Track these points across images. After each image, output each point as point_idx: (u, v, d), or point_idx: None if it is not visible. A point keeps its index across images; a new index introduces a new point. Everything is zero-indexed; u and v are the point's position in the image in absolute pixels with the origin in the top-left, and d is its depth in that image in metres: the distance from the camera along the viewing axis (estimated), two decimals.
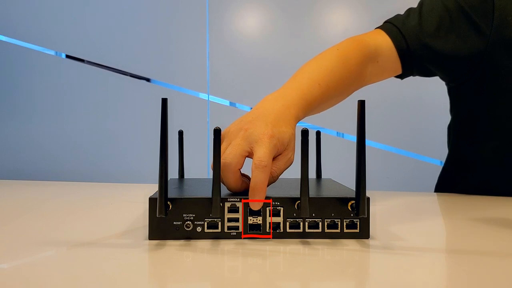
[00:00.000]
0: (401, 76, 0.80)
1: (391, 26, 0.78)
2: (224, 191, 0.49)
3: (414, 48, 0.76)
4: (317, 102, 0.63)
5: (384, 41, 0.76)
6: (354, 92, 0.76)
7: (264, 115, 0.53)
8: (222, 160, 0.47)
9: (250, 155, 0.49)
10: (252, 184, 0.45)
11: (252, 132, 0.49)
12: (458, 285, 0.36)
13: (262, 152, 0.47)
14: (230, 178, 0.48)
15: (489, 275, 0.37)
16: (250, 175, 0.49)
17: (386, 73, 0.78)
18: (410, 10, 0.81)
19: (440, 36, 0.76)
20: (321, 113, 0.74)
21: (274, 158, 0.50)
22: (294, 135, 0.53)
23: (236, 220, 0.46)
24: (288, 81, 0.64)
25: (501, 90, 0.78)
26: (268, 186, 0.49)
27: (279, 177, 0.51)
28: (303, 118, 0.61)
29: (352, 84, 0.72)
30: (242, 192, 0.49)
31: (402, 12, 0.82)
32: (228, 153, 0.48)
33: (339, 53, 0.71)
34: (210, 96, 1.73)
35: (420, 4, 0.81)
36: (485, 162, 0.83)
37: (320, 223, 0.46)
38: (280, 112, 0.54)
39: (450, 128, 0.92)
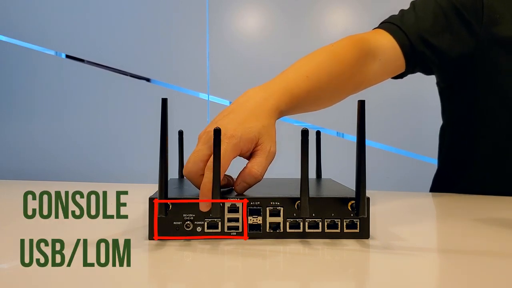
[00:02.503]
0: (402, 75, 0.80)
1: (390, 25, 0.78)
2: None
3: (417, 44, 0.76)
4: (304, 95, 0.61)
5: (385, 39, 0.76)
6: None
7: (236, 111, 0.52)
8: (184, 170, 0.49)
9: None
10: (201, 184, 0.45)
11: (212, 135, 0.49)
12: (458, 285, 0.36)
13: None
14: (196, 184, 0.48)
15: (489, 275, 0.37)
16: (235, 178, 0.50)
17: (389, 71, 0.77)
18: (403, 11, 0.81)
19: (437, 33, 0.77)
20: (321, 113, 0.73)
21: (251, 156, 0.50)
22: (267, 126, 0.51)
23: (236, 220, 0.46)
24: (275, 76, 0.63)
25: (493, 87, 0.79)
26: (253, 185, 0.49)
27: (282, 177, 0.51)
28: (288, 110, 0.59)
29: (348, 81, 0.71)
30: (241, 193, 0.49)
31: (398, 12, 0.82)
32: (188, 161, 0.48)
33: (331, 49, 0.70)
34: (210, 96, 1.73)
35: (412, 4, 0.81)
36: (481, 161, 0.83)
37: (320, 223, 0.46)
38: (256, 105, 0.53)
39: (443, 130, 0.92)
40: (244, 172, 0.49)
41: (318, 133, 0.65)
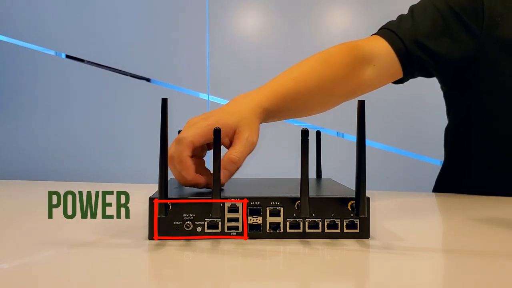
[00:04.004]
0: (402, 80, 0.80)
1: (386, 31, 0.78)
2: (225, 191, 0.49)
3: (412, 48, 0.76)
4: (292, 96, 0.64)
5: (381, 45, 0.76)
6: None
7: (222, 108, 0.56)
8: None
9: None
10: (169, 155, 0.47)
11: (192, 123, 0.52)
12: (457, 285, 0.36)
13: (185, 131, 0.49)
14: (173, 170, 0.50)
15: (489, 275, 0.37)
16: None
17: (386, 77, 0.78)
18: (401, 16, 0.80)
19: (435, 37, 0.76)
20: (321, 113, 0.73)
21: (231, 144, 0.52)
22: (248, 118, 0.54)
23: (236, 220, 0.46)
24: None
25: (494, 90, 0.78)
26: (233, 173, 0.51)
27: (282, 177, 0.51)
28: (275, 110, 0.61)
29: (341, 86, 0.71)
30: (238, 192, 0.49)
31: (396, 17, 0.81)
32: (170, 147, 0.50)
33: (322, 54, 0.71)
34: (210, 96, 1.73)
35: (410, 9, 0.80)
36: (482, 163, 0.83)
37: (320, 223, 0.46)
38: (241, 103, 0.57)
39: (448, 130, 0.92)
40: (223, 160, 0.50)
41: (318, 133, 0.65)
